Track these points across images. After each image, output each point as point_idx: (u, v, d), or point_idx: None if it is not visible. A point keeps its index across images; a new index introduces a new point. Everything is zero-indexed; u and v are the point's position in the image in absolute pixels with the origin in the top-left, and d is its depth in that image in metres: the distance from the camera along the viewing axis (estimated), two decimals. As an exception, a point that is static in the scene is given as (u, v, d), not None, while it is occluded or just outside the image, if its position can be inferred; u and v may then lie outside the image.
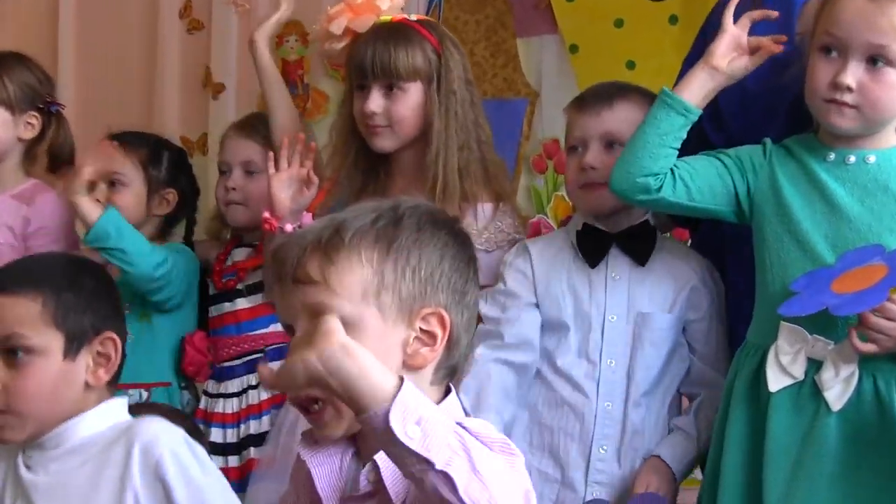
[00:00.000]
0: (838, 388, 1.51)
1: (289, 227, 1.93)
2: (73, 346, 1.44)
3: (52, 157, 2.41)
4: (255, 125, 2.33)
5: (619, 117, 1.78)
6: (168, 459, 1.36)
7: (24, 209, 2.32)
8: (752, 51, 1.66)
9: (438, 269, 1.04)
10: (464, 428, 0.87)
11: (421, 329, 1.02)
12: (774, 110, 1.75)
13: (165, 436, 1.39)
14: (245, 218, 2.21)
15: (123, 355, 1.53)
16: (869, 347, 1.45)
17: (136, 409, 1.63)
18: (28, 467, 1.47)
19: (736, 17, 1.71)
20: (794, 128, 1.69)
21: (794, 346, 1.53)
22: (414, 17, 2.02)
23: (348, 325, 0.95)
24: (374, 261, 1.00)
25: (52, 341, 1.42)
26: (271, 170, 2.00)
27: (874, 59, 1.50)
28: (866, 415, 1.52)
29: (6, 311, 1.43)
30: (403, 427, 0.82)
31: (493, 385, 1.73)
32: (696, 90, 1.64)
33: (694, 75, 1.64)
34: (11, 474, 1.49)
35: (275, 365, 0.99)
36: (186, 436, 1.44)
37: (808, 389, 1.53)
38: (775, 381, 1.54)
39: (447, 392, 1.06)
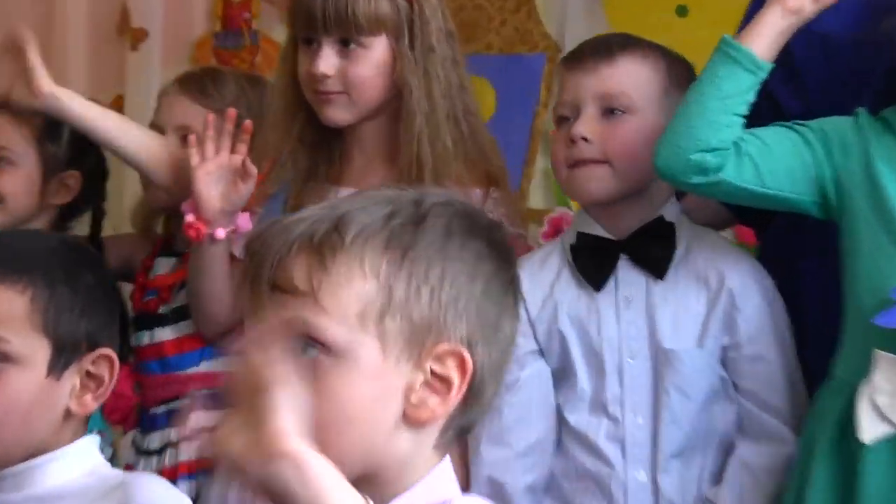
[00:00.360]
0: None
1: (220, 233, 1.74)
2: (60, 361, 1.32)
3: None
4: (205, 83, 2.06)
5: (622, 75, 1.57)
6: None
7: None
8: None
9: (466, 291, 0.89)
10: None
11: (432, 371, 0.86)
12: (869, 70, 1.59)
13: (168, 493, 1.38)
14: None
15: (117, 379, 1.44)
16: None
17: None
18: None
19: None
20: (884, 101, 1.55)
21: (891, 384, 1.41)
22: None
23: (337, 355, 0.84)
24: (381, 272, 0.85)
25: (36, 350, 1.31)
26: (194, 160, 1.76)
27: None
28: None
29: None
30: None
31: None
32: (768, 38, 1.45)
33: (764, 17, 1.46)
34: None
35: (201, 420, 0.86)
36: (160, 489, 1.41)
37: None
38: (871, 429, 1.41)
39: (439, 459, 0.94)
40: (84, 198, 2.12)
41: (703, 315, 1.57)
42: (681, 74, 1.60)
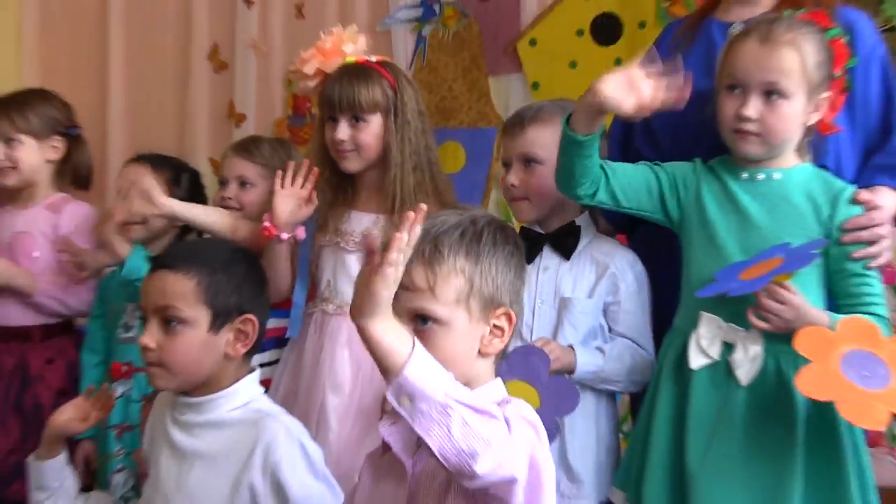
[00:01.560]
0: (747, 366, 1.72)
1: (284, 236, 2.14)
2: (217, 322, 1.62)
3: (75, 173, 2.73)
4: (250, 147, 2.56)
5: (531, 139, 1.99)
6: (286, 463, 1.55)
7: (54, 217, 2.63)
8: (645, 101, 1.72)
9: (509, 275, 1.28)
10: (461, 403, 1.06)
11: (494, 325, 1.26)
12: (700, 137, 1.90)
13: (287, 439, 1.57)
14: None
15: (262, 332, 1.69)
16: (762, 325, 1.66)
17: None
18: (175, 422, 1.68)
19: (665, 52, 1.93)
20: (718, 150, 1.88)
21: (712, 331, 1.74)
22: (374, 59, 2.24)
23: (443, 324, 1.22)
24: (465, 271, 1.23)
25: (200, 316, 1.60)
26: (277, 186, 2.16)
27: (770, 92, 1.71)
28: (769, 388, 1.72)
29: (167, 286, 1.61)
30: (396, 398, 1.05)
31: None
32: (583, 116, 1.75)
33: (581, 101, 1.77)
34: (161, 426, 1.72)
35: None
36: (306, 440, 1.62)
37: (723, 368, 1.75)
38: (696, 361, 1.76)
39: (496, 375, 1.30)
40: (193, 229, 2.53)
41: (593, 282, 1.99)
42: None
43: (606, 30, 3.55)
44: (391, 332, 1.07)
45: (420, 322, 1.23)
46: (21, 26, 4.16)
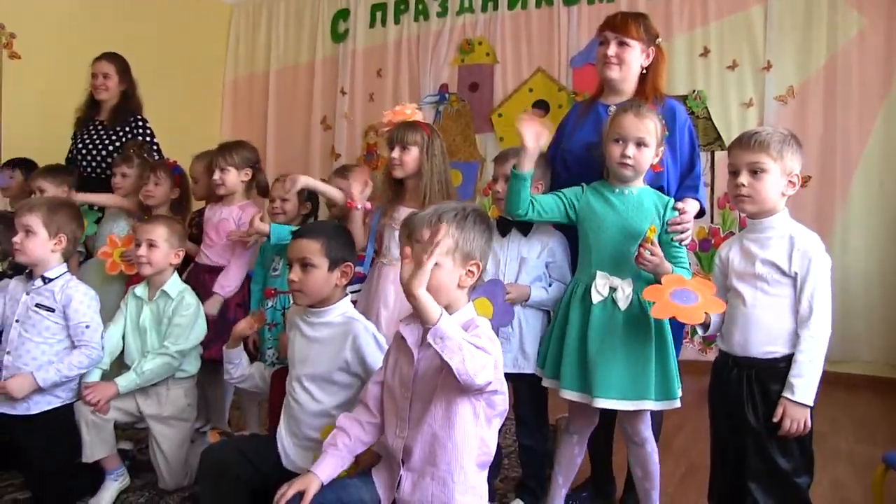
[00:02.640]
0: (623, 299, 2.43)
1: (358, 206, 2.95)
2: (332, 266, 2.26)
3: (258, 188, 3.59)
4: (343, 171, 3.36)
5: (508, 166, 2.62)
6: (364, 344, 2.22)
7: (239, 213, 3.42)
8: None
9: (481, 241, 1.85)
10: (468, 343, 1.61)
11: (468, 270, 1.83)
12: (591, 167, 2.59)
13: (364, 332, 2.24)
14: None
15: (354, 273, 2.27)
16: (645, 268, 2.35)
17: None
18: (305, 321, 2.34)
19: (572, 120, 2.81)
20: (599, 175, 2.56)
21: (603, 280, 2.46)
22: (420, 118, 3.00)
23: (437, 266, 1.75)
24: (454, 235, 1.80)
25: (323, 262, 2.25)
26: (353, 181, 3.04)
27: (639, 144, 2.40)
28: (634, 311, 2.43)
29: (304, 245, 2.25)
30: (433, 339, 1.63)
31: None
32: (525, 161, 2.45)
33: (520, 158, 2.46)
34: (296, 325, 2.37)
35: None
36: (374, 331, 2.26)
37: (609, 301, 2.44)
38: (595, 298, 2.45)
39: (468, 301, 1.87)
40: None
41: (539, 250, 2.67)
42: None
43: (540, 108, 5.76)
44: (429, 299, 1.65)
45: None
46: (223, 107, 7.00)
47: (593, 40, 5.23)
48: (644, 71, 2.73)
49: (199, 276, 3.41)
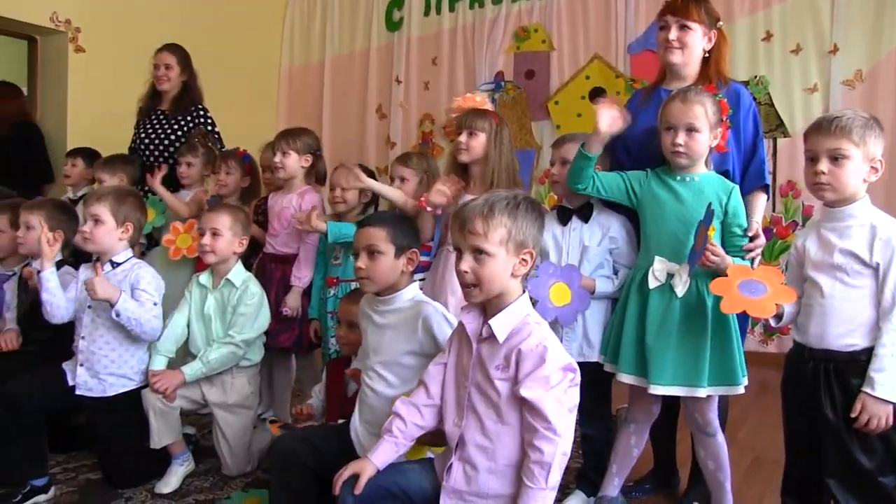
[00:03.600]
0: (681, 286, 2.41)
1: (429, 209, 2.94)
2: (398, 253, 2.30)
3: (316, 175, 3.62)
4: (406, 158, 3.36)
5: (563, 150, 2.72)
6: (435, 324, 2.23)
7: (299, 200, 3.45)
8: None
9: (533, 229, 1.85)
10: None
11: (522, 259, 1.84)
12: (653, 152, 2.57)
13: (434, 312, 2.26)
14: None
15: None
16: (707, 267, 2.33)
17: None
18: (374, 310, 2.37)
19: (634, 107, 2.74)
20: (661, 160, 2.55)
21: (661, 266, 2.44)
22: (489, 107, 3.03)
23: (491, 256, 1.80)
24: (507, 225, 1.81)
25: (389, 249, 2.29)
26: (438, 184, 2.95)
27: (689, 130, 2.40)
28: (692, 298, 2.41)
29: (371, 233, 2.29)
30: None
31: None
32: (594, 143, 2.50)
33: (591, 139, 2.51)
34: (367, 316, 2.40)
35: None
36: (443, 310, 2.28)
37: (667, 287, 2.44)
38: (652, 284, 2.45)
39: (523, 291, 1.88)
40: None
41: (600, 237, 2.65)
42: None
43: (597, 95, 5.64)
44: None
45: (477, 253, 1.82)
46: (279, 97, 7.09)
47: (652, 26, 5.41)
48: (706, 55, 2.70)
49: (265, 265, 3.46)
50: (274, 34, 7.26)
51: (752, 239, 2.50)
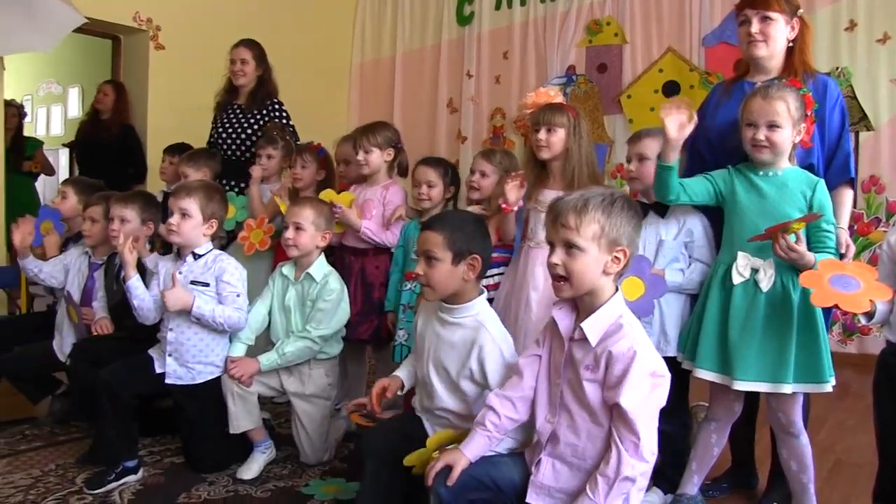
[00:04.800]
0: (766, 281, 2.37)
1: (512, 209, 2.89)
2: (456, 259, 2.20)
3: (399, 168, 3.62)
4: (489, 153, 3.34)
5: (641, 146, 2.70)
6: (488, 359, 2.18)
7: (383, 193, 3.48)
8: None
9: (628, 227, 1.83)
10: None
11: (614, 256, 1.82)
12: (735, 145, 2.54)
13: (492, 345, 2.19)
14: None
15: (486, 265, 2.21)
16: (784, 259, 2.29)
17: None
18: (439, 318, 2.32)
19: (714, 100, 2.75)
20: (743, 153, 2.50)
21: (745, 262, 2.41)
22: (564, 100, 3.06)
23: (582, 250, 1.79)
24: (599, 221, 1.80)
25: (446, 256, 2.21)
26: (509, 182, 2.88)
27: (771, 126, 2.36)
28: (777, 293, 2.36)
29: (428, 238, 2.23)
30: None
31: None
32: (668, 152, 2.42)
33: (664, 148, 2.44)
34: (429, 317, 2.36)
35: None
36: (502, 344, 2.20)
37: (751, 283, 2.39)
38: (736, 279, 2.42)
39: (616, 290, 1.86)
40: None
41: (676, 231, 2.63)
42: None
43: (671, 89, 5.64)
44: None
45: (569, 248, 1.82)
46: (350, 91, 7.18)
47: (727, 17, 5.37)
48: (790, 44, 2.64)
49: (344, 258, 3.50)
50: (346, 30, 7.36)
51: (842, 256, 2.45)
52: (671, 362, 2.51)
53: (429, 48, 6.96)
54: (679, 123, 2.39)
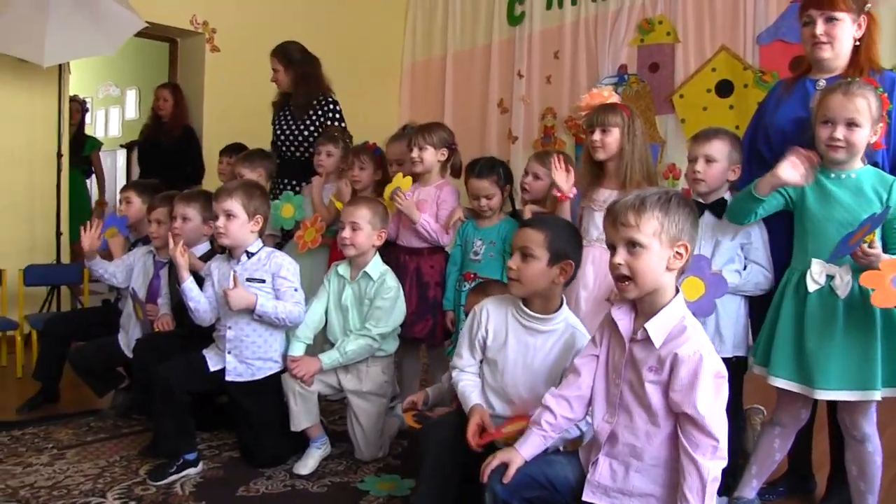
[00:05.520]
0: (843, 287, 2.31)
1: (566, 196, 2.99)
2: (552, 261, 2.25)
3: (452, 168, 3.66)
4: (542, 155, 3.43)
5: (709, 147, 2.66)
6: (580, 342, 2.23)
7: (436, 192, 3.52)
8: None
9: (686, 223, 1.84)
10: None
11: (676, 252, 1.82)
12: (796, 143, 2.46)
13: (585, 336, 2.23)
14: None
15: (576, 272, 2.30)
16: (861, 263, 2.22)
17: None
18: (521, 325, 2.34)
19: (773, 98, 2.72)
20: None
21: (819, 268, 2.34)
22: (618, 100, 3.07)
23: (644, 247, 1.80)
24: (658, 218, 1.81)
25: (543, 255, 2.25)
26: (554, 169, 2.97)
27: (850, 125, 2.30)
28: (856, 300, 2.29)
29: (528, 235, 2.28)
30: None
31: None
32: (766, 187, 2.39)
33: (767, 178, 2.38)
34: (506, 321, 2.38)
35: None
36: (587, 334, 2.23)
37: (827, 290, 2.34)
38: (811, 286, 2.35)
39: (677, 291, 1.87)
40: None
41: (734, 232, 2.62)
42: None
43: (724, 88, 5.56)
44: None
45: (631, 246, 1.84)
46: (401, 91, 7.24)
47: (782, 14, 5.29)
48: (857, 43, 2.58)
49: (399, 257, 3.54)
50: (397, 30, 7.41)
51: None
52: (727, 363, 2.52)
53: (480, 48, 6.96)
54: (798, 174, 2.35)
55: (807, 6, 2.61)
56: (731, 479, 2.64)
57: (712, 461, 1.76)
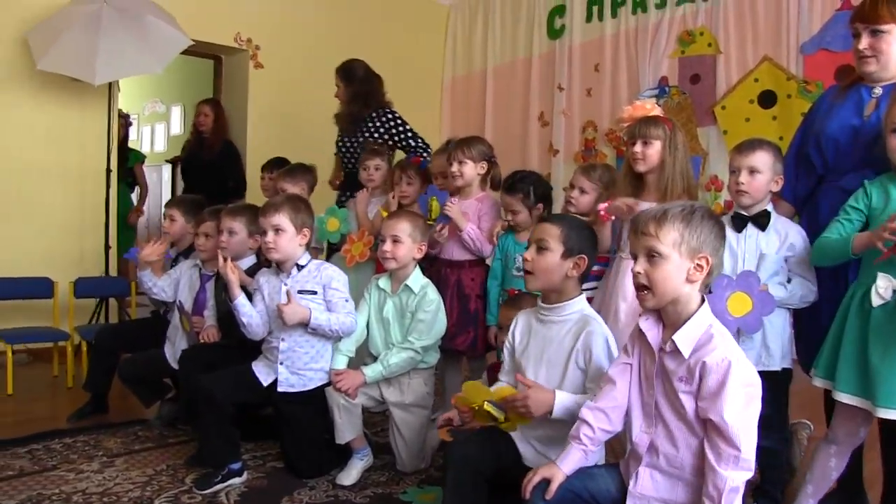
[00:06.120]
0: None
1: (614, 217, 2.96)
2: (566, 255, 2.31)
3: (492, 181, 3.70)
4: (588, 168, 3.37)
5: (753, 158, 2.63)
6: (595, 345, 2.23)
7: (477, 205, 3.59)
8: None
9: (709, 236, 1.84)
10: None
11: (697, 264, 1.82)
12: (847, 151, 2.53)
13: (598, 334, 2.25)
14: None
15: (589, 268, 2.33)
16: None
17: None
18: (539, 320, 2.40)
19: (825, 104, 2.68)
20: (855, 159, 2.49)
21: (885, 283, 2.25)
22: (661, 113, 3.03)
23: (663, 257, 1.82)
24: (679, 229, 1.82)
25: (557, 248, 2.30)
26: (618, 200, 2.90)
27: None
28: None
29: (546, 229, 2.33)
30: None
31: None
32: (861, 248, 2.29)
33: (864, 239, 2.27)
34: (533, 331, 2.41)
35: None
36: (607, 333, 2.26)
37: (892, 305, 2.24)
38: (876, 301, 2.28)
39: (703, 301, 1.86)
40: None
41: (778, 245, 2.59)
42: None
43: (767, 99, 5.52)
44: None
45: (650, 256, 1.85)
46: (442, 106, 7.30)
47: (827, 23, 5.26)
48: None
49: (440, 270, 3.57)
50: (437, 45, 7.51)
51: None
52: (770, 375, 2.51)
53: (520, 61, 7.01)
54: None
55: (853, 19, 2.59)
56: (780, 495, 2.61)
57: (734, 471, 1.73)
